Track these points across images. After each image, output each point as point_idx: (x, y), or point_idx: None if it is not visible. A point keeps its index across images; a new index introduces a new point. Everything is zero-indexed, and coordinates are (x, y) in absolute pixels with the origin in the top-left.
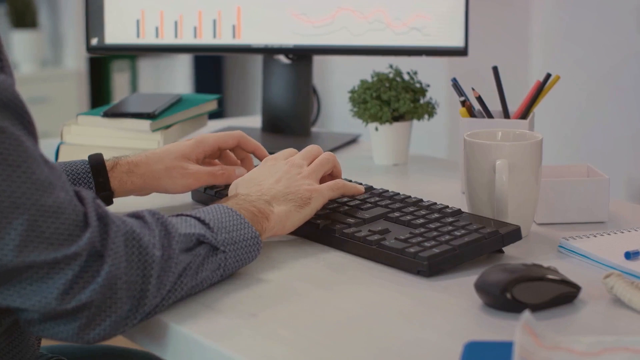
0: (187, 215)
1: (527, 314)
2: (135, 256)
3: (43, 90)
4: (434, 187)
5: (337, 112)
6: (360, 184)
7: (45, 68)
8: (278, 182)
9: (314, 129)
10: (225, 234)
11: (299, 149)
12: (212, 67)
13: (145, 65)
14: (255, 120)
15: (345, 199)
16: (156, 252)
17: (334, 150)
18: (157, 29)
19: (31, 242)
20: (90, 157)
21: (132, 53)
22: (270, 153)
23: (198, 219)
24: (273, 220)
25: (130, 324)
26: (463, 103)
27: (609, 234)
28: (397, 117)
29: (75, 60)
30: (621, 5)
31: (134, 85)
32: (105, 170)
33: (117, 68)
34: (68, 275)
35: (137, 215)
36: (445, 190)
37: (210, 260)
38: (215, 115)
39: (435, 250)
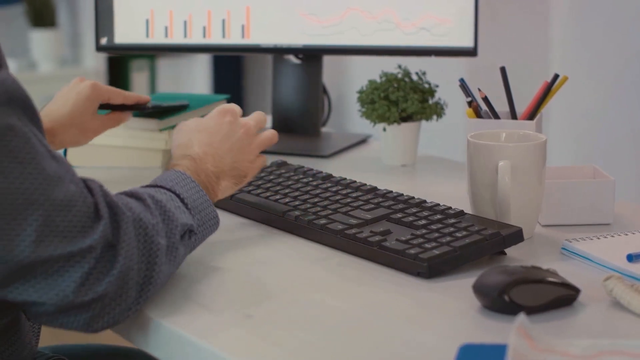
0: (167, 190)
1: (522, 317)
2: (141, 244)
3: None
4: (441, 188)
5: (355, 112)
6: (365, 184)
7: (64, 67)
8: (231, 151)
9: (325, 129)
10: (198, 215)
11: (310, 150)
12: (232, 66)
13: (164, 65)
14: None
15: (349, 200)
16: (161, 241)
17: (342, 150)
18: (166, 28)
19: (46, 236)
20: None
21: (142, 53)
22: (280, 153)
23: (178, 196)
24: (216, 197)
25: (134, 310)
26: (470, 104)
27: (612, 236)
28: (405, 118)
29: (94, 59)
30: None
31: (153, 85)
32: None
33: (136, 67)
34: (84, 268)
35: (137, 197)
36: (452, 192)
37: (187, 243)
38: None
39: (436, 252)
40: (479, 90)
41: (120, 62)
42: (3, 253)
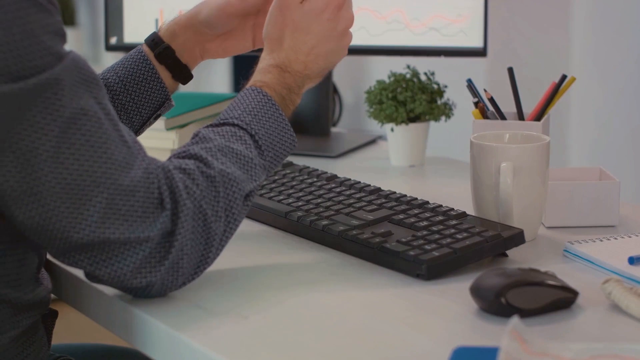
0: (244, 130)
1: (515, 319)
2: (200, 229)
3: None
4: (449, 189)
5: None
6: (369, 185)
7: None
8: (325, 55)
9: (336, 129)
10: (272, 152)
11: (318, 150)
12: (252, 66)
13: None
14: None
15: (352, 201)
16: (220, 226)
17: (351, 151)
18: None
19: (108, 218)
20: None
21: None
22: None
23: (253, 137)
24: (297, 103)
25: (185, 285)
26: (476, 104)
27: (615, 239)
28: (413, 118)
29: (114, 58)
30: None
31: None
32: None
33: None
34: (139, 256)
35: (207, 174)
36: (459, 193)
37: (249, 202)
38: None
39: (435, 254)
40: (485, 90)
41: None
42: (66, 229)
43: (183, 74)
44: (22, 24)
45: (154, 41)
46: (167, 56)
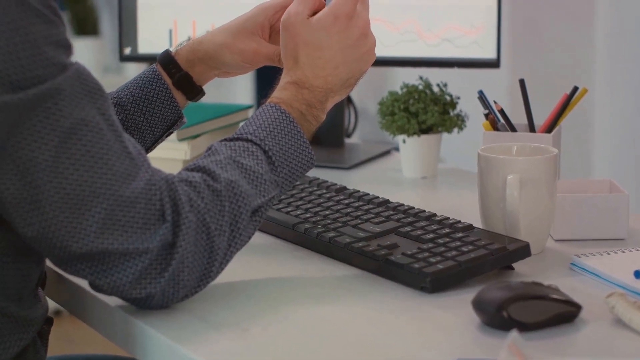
0: (257, 146)
1: (514, 333)
2: (203, 242)
3: None
4: (460, 201)
5: None
6: (377, 197)
7: (107, 75)
8: (344, 64)
9: (350, 140)
10: (286, 168)
11: (331, 161)
12: (274, 76)
13: None
14: None
15: (359, 213)
16: (224, 240)
17: (364, 162)
18: (189, 39)
19: (107, 229)
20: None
21: None
22: None
23: (266, 153)
24: (322, 119)
25: (188, 297)
26: (487, 116)
27: (623, 252)
28: (425, 130)
29: (137, 67)
30: None
31: None
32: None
33: None
34: (138, 267)
35: (212, 187)
36: (469, 205)
37: (260, 217)
38: None
39: (440, 267)
40: (495, 102)
41: None
42: (65, 239)
43: (197, 95)
44: (25, 34)
45: (170, 65)
46: (185, 82)
